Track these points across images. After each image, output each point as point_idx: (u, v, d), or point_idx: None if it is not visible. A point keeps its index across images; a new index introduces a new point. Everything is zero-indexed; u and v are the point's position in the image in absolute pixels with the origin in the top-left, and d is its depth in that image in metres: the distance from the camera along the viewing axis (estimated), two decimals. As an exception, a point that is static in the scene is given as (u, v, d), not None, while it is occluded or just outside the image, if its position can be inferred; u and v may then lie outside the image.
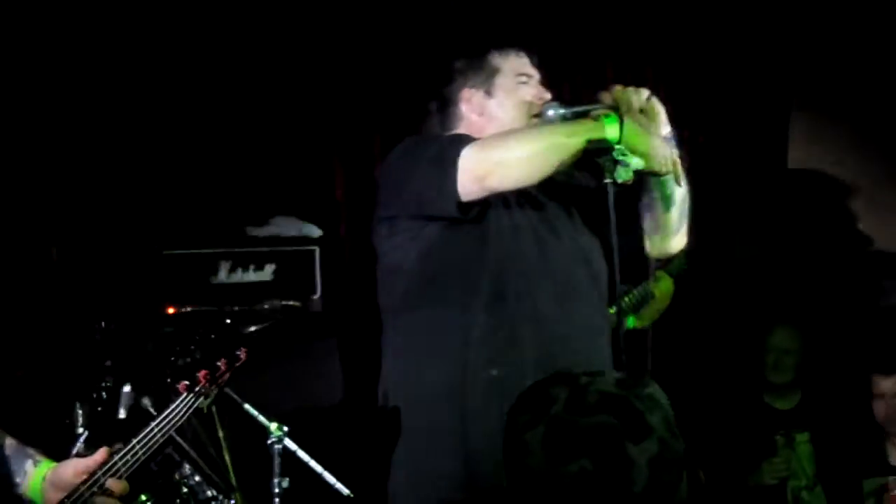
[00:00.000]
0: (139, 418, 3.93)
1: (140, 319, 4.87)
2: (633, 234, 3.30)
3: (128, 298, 5.09)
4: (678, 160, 3.14)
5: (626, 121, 3.01)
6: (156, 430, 2.88)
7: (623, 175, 2.98)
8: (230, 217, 5.80)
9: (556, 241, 3.21)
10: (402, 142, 3.33)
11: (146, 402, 4.07)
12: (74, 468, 2.81)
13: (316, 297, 5.42)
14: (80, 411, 4.37)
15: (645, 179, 3.18)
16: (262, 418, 4.22)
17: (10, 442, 2.86)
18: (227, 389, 3.40)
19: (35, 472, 2.82)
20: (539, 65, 3.34)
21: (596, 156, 3.04)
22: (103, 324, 3.96)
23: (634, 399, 1.97)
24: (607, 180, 2.99)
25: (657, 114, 3.16)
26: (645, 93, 3.15)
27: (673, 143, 3.19)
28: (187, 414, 2.97)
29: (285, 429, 4.22)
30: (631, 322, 4.82)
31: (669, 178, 3.18)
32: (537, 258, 3.14)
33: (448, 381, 3.10)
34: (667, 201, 3.21)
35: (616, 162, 2.98)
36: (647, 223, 3.30)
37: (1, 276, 5.20)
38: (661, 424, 1.97)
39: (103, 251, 5.48)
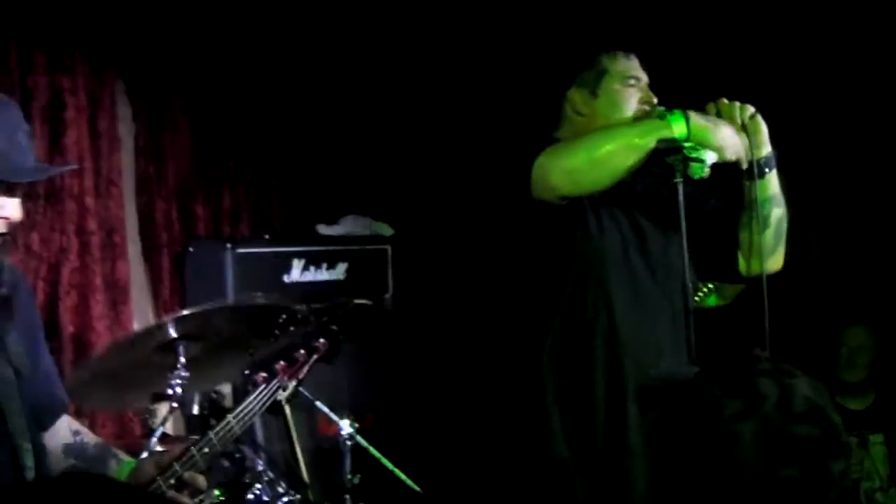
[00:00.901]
0: (214, 412, 3.98)
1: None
2: (726, 253, 3.29)
3: (204, 293, 5.16)
4: (746, 150, 3.09)
5: (692, 116, 3.01)
6: (233, 422, 2.90)
7: (698, 171, 2.96)
8: (303, 216, 5.87)
9: (642, 249, 3.19)
10: (477, 139, 3.36)
11: (220, 396, 4.12)
12: (154, 463, 2.85)
13: (388, 295, 5.47)
14: (155, 407, 4.42)
15: (744, 198, 3.17)
16: (333, 415, 4.26)
17: (94, 441, 2.91)
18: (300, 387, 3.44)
19: (119, 471, 2.87)
20: (648, 69, 3.34)
21: (666, 155, 3.02)
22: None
23: (831, 412, 2.01)
24: (677, 180, 2.98)
25: (760, 132, 3.14)
26: (750, 109, 3.13)
27: (773, 163, 3.18)
28: (265, 406, 2.99)
29: (356, 425, 4.26)
30: (712, 301, 4.80)
31: (768, 197, 3.15)
32: (621, 265, 3.13)
33: (521, 383, 3.12)
34: (763, 221, 3.18)
35: (687, 159, 2.96)
36: (742, 242, 3.27)
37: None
38: (847, 440, 2.02)
39: (179, 251, 5.58)
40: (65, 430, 2.88)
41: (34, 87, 4.99)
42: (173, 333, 3.59)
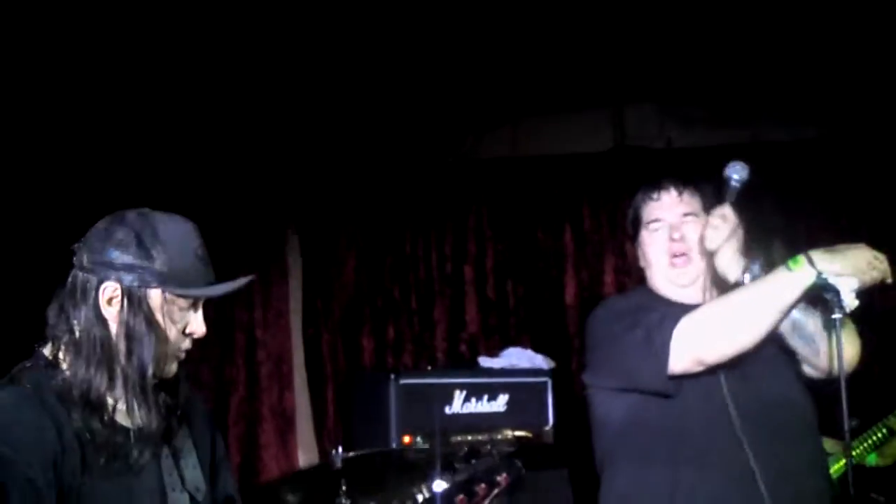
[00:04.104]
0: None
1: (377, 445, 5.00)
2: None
3: (368, 423, 5.23)
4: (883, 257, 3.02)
5: (814, 254, 2.94)
6: None
7: (851, 303, 2.89)
8: (465, 348, 5.93)
9: (751, 387, 3.13)
10: (608, 303, 3.38)
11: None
12: None
13: (548, 428, 5.45)
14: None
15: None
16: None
17: None
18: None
19: None
20: (676, 190, 3.27)
21: (820, 293, 2.95)
22: (340, 449, 4.06)
23: None
24: (835, 315, 2.86)
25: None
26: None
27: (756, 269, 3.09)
28: None
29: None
30: (872, 459, 4.67)
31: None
32: (738, 408, 3.07)
33: None
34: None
35: (837, 292, 2.88)
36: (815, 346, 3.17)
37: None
38: None
39: (344, 381, 5.68)
40: None
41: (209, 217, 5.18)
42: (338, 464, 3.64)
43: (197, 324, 2.49)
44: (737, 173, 3.12)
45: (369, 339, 5.82)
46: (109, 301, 2.38)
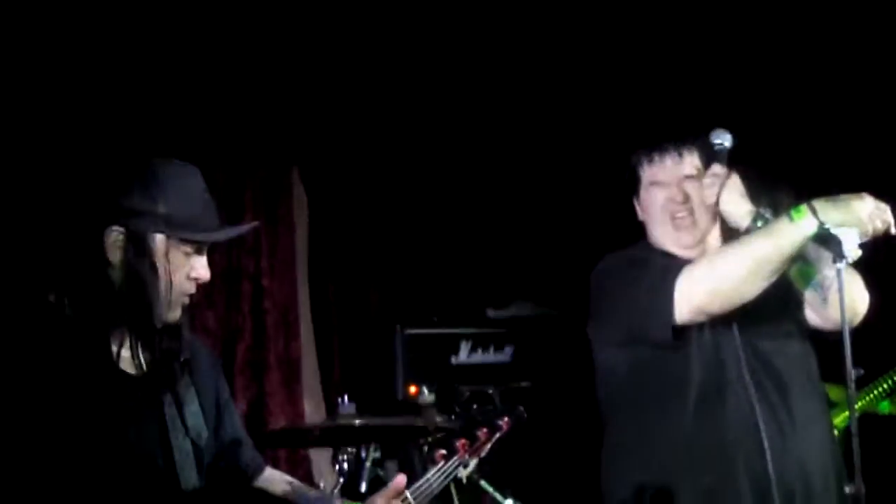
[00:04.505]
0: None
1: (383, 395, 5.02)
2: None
3: (369, 374, 5.26)
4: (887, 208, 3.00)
5: (817, 203, 2.92)
6: (410, 498, 2.80)
7: (853, 254, 2.88)
8: (471, 299, 5.92)
9: (757, 337, 3.14)
10: (610, 258, 3.37)
11: (386, 472, 4.16)
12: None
13: (553, 379, 5.46)
14: (323, 484, 4.49)
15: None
16: (497, 494, 4.27)
17: (309, 487, 2.94)
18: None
19: None
20: (677, 151, 3.25)
21: (822, 243, 2.94)
22: (346, 398, 4.08)
23: None
24: (838, 265, 2.83)
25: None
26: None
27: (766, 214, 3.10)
28: (444, 483, 2.94)
29: (520, 504, 4.26)
30: (885, 407, 4.66)
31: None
32: (743, 360, 3.09)
33: (655, 486, 3.10)
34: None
35: (839, 243, 2.85)
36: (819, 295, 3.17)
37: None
38: None
39: (350, 331, 5.69)
40: (279, 482, 2.91)
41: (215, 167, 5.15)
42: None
43: (201, 268, 2.50)
44: (720, 138, 3.15)
45: (375, 290, 5.82)
46: (114, 246, 2.39)
